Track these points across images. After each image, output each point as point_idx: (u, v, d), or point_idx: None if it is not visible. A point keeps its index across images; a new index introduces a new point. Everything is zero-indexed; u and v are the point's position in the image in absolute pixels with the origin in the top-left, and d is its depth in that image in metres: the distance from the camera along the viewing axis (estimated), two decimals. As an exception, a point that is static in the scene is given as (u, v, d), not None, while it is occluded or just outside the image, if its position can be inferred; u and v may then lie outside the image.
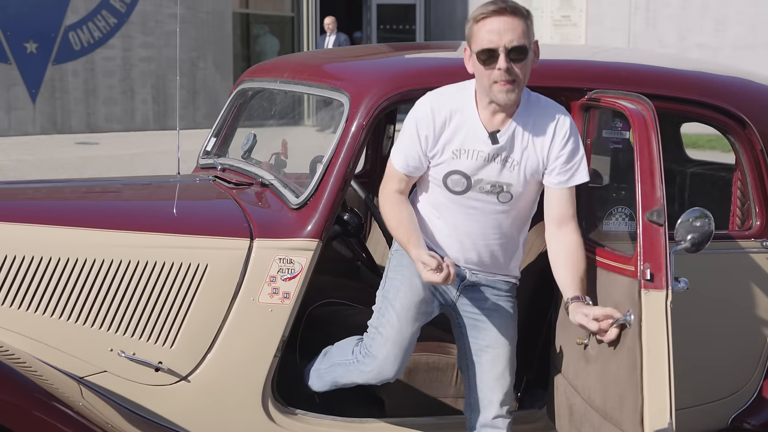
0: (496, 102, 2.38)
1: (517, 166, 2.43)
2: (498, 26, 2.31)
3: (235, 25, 16.19)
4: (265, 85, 3.39)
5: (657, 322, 2.15)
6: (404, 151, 2.49)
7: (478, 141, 2.42)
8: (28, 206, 2.84)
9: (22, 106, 13.51)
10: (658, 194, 2.23)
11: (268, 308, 2.61)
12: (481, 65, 2.34)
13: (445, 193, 2.47)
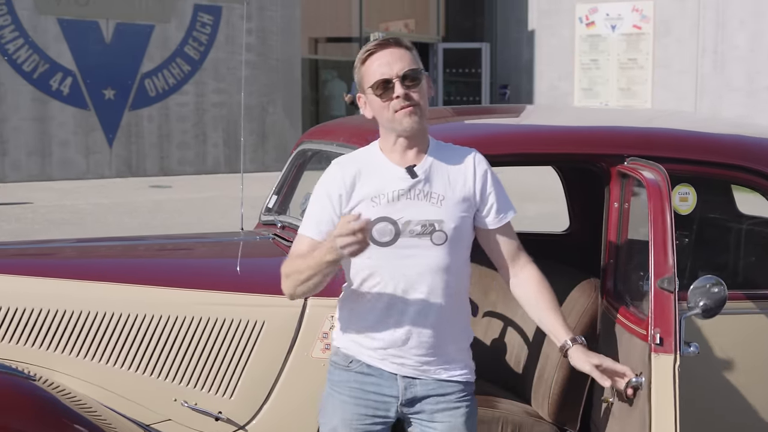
0: (402, 132, 2.32)
1: (443, 200, 2.33)
2: (386, 59, 2.30)
3: (304, 70, 16.62)
4: (322, 147, 3.59)
5: (665, 385, 2.27)
6: (315, 216, 2.37)
7: (395, 180, 2.33)
8: (103, 265, 3.08)
9: (99, 150, 14.08)
10: (670, 262, 2.35)
11: (321, 362, 2.77)
12: (378, 98, 2.31)
13: (375, 250, 2.28)
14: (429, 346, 2.35)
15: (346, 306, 2.43)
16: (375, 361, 2.37)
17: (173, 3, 14.52)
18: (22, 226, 9.38)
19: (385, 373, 2.37)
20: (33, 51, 13.24)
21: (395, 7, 19.51)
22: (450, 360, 2.39)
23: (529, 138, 3.20)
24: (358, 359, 2.38)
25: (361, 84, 2.38)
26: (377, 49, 2.34)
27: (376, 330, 2.36)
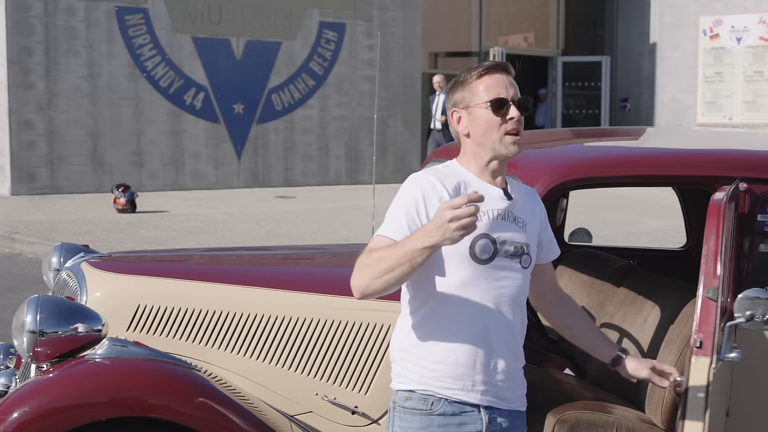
0: (502, 156, 2.34)
1: (527, 225, 2.39)
2: (504, 81, 2.33)
3: (423, 84, 16.94)
4: (449, 166, 3.86)
5: (699, 385, 2.48)
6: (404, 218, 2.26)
7: (495, 200, 2.33)
8: (257, 272, 3.45)
9: (228, 161, 14.76)
10: (718, 273, 2.55)
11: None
12: (495, 115, 2.31)
13: (470, 266, 2.27)
14: (510, 373, 2.36)
15: (419, 333, 2.31)
16: (458, 393, 2.29)
17: (300, 21, 15.10)
18: (160, 234, 10.00)
19: (467, 408, 2.30)
20: (169, 68, 14.02)
21: (515, 21, 19.64)
22: (519, 387, 2.42)
23: (646, 161, 3.39)
24: (440, 396, 2.29)
25: (466, 99, 2.35)
26: (496, 69, 2.36)
27: (463, 354, 2.29)
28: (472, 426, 2.30)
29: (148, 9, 13.79)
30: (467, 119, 2.36)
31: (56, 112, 13.26)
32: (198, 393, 2.81)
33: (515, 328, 2.37)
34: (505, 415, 2.36)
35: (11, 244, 9.53)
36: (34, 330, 2.85)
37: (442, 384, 2.29)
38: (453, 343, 2.28)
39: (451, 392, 2.29)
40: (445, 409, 2.29)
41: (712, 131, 11.85)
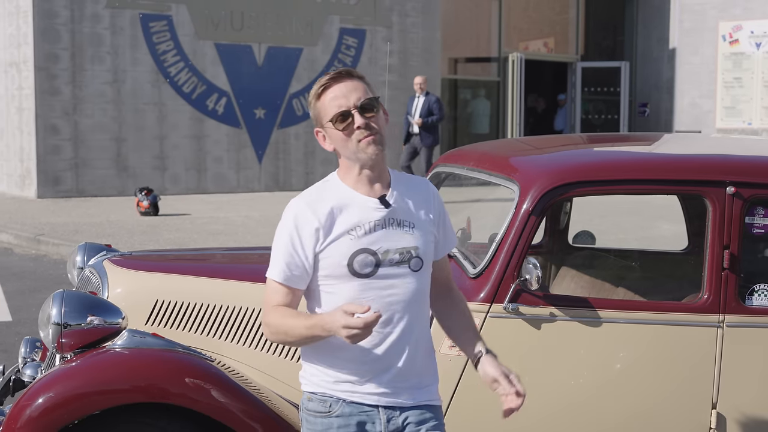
0: (367, 161, 2.34)
1: (413, 228, 2.38)
2: (341, 91, 2.31)
3: (443, 90, 17.10)
4: (455, 170, 4.03)
5: None
6: (283, 258, 2.33)
7: (369, 211, 2.34)
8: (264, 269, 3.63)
9: (249, 166, 14.99)
10: None
11: (448, 358, 3.20)
12: (340, 131, 2.31)
13: (355, 283, 2.32)
14: (412, 371, 2.38)
15: (320, 344, 2.33)
16: (354, 395, 2.34)
17: (321, 27, 15.32)
18: (181, 236, 10.23)
19: (366, 408, 2.34)
20: (192, 74, 14.27)
21: (534, 27, 19.76)
22: (426, 384, 2.43)
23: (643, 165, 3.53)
24: (338, 398, 2.34)
25: (318, 119, 2.37)
26: (331, 83, 2.33)
27: (359, 362, 2.33)
28: (370, 426, 2.34)
29: (172, 16, 14.05)
30: (326, 137, 2.37)
31: (81, 117, 13.55)
32: (212, 382, 3.00)
33: (415, 329, 2.38)
34: (410, 412, 2.38)
35: (37, 246, 9.78)
36: (59, 322, 3.05)
37: (338, 387, 2.34)
38: (347, 356, 2.32)
39: (347, 394, 2.33)
40: (343, 410, 2.33)
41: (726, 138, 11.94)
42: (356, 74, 2.37)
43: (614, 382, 3.26)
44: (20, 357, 3.88)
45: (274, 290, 2.34)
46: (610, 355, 3.26)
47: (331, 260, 2.32)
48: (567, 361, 3.26)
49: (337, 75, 2.35)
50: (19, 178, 13.85)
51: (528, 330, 3.23)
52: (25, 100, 13.47)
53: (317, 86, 2.35)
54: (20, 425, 2.84)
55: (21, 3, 13.35)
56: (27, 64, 13.33)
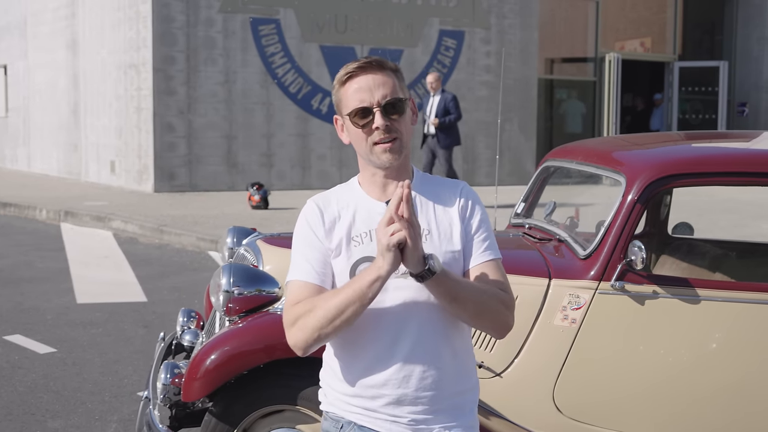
0: (380, 167, 2.13)
1: (428, 236, 2.13)
2: (367, 83, 2.09)
3: (540, 89, 17.37)
4: (564, 164, 4.44)
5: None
6: (303, 256, 2.14)
7: (376, 216, 2.10)
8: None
9: (351, 163, 15.55)
10: None
11: (560, 329, 3.62)
12: (357, 128, 2.10)
13: None
14: (423, 401, 2.13)
15: (332, 359, 2.20)
16: (366, 420, 2.14)
17: (421, 29, 15.79)
18: (292, 227, 10.72)
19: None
20: (298, 74, 14.93)
21: (631, 27, 19.83)
22: (449, 418, 2.16)
23: (743, 159, 3.87)
24: (349, 421, 2.16)
25: (338, 107, 2.17)
26: (358, 71, 2.12)
27: (367, 383, 2.12)
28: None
29: (280, 20, 14.73)
30: (345, 128, 2.18)
31: (195, 116, 14.34)
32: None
33: (427, 350, 2.12)
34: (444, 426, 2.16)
35: (160, 236, 10.52)
36: (228, 290, 3.59)
37: (351, 408, 2.16)
38: (355, 375, 2.14)
39: (357, 417, 2.15)
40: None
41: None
42: (388, 66, 2.14)
43: (709, 355, 3.61)
44: (178, 325, 4.44)
45: (296, 291, 2.12)
46: (706, 331, 3.62)
47: (337, 268, 2.14)
48: (667, 335, 3.63)
49: (367, 64, 2.12)
50: (137, 173, 14.72)
51: (632, 306, 3.62)
52: (144, 100, 14.33)
53: (343, 71, 2.13)
54: (200, 375, 3.37)
55: (141, 9, 14.21)
56: (146, 66, 14.18)
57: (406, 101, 2.14)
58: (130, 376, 5.44)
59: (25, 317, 6.80)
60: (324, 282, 2.13)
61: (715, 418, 3.59)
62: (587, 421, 3.64)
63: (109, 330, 6.48)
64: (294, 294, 2.13)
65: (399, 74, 2.16)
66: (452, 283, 2.06)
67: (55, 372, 5.50)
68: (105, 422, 4.69)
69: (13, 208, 12.90)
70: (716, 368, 3.62)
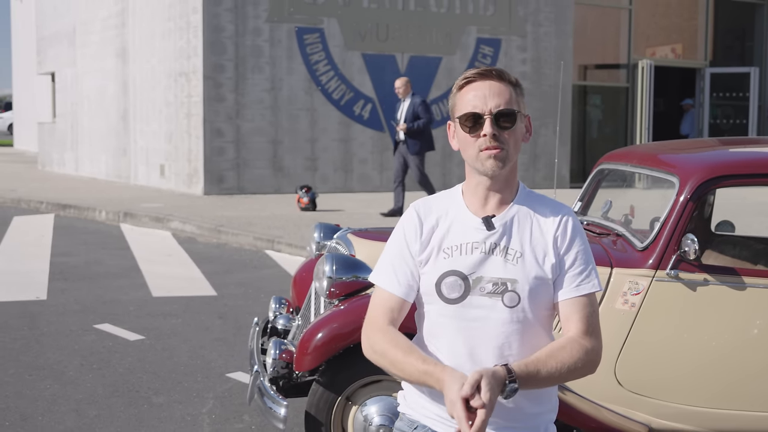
0: (484, 173, 2.12)
1: (520, 259, 2.11)
2: (483, 91, 2.11)
3: (574, 95, 17.81)
4: (618, 167, 4.93)
5: None
6: (391, 264, 2.17)
7: (470, 231, 2.14)
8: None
9: (391, 167, 16.04)
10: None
11: (621, 312, 4.10)
12: (466, 132, 2.11)
13: (440, 306, 2.12)
14: (501, 415, 2.10)
15: None
16: (440, 426, 2.15)
17: (459, 37, 16.30)
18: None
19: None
20: (341, 81, 15.48)
21: (663, 34, 20.21)
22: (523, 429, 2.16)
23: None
24: (423, 425, 2.18)
25: (452, 111, 2.19)
26: (477, 78, 2.14)
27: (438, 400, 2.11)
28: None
29: (324, 29, 15.29)
30: (455, 133, 2.20)
31: (243, 122, 14.92)
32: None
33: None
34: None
35: (218, 236, 11.09)
36: (331, 276, 4.11)
37: (427, 413, 2.17)
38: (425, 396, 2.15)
39: (432, 422, 2.16)
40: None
41: None
42: (508, 78, 2.15)
43: (754, 337, 4.08)
44: (271, 311, 4.96)
45: (380, 300, 2.16)
46: (752, 314, 4.09)
47: (426, 277, 2.14)
48: (715, 318, 4.11)
49: (487, 72, 2.14)
50: (187, 176, 15.32)
51: (685, 292, 4.10)
52: (194, 106, 14.93)
53: (462, 77, 2.17)
54: (311, 349, 3.89)
55: (191, 19, 14.82)
56: (196, 74, 14.78)
57: (520, 115, 2.14)
58: (216, 360, 5.98)
59: (109, 309, 7.37)
60: (408, 295, 2.16)
61: (760, 393, 4.06)
62: (645, 394, 4.12)
63: (187, 320, 7.03)
64: (378, 301, 2.17)
65: (519, 88, 2.16)
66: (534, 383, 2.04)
67: (148, 356, 6.05)
68: (203, 399, 5.22)
69: (72, 209, 13.54)
70: (760, 348, 4.09)
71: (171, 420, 4.87)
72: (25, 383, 5.43)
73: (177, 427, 4.77)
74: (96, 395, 5.24)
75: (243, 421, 4.87)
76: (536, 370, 2.03)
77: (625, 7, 18.69)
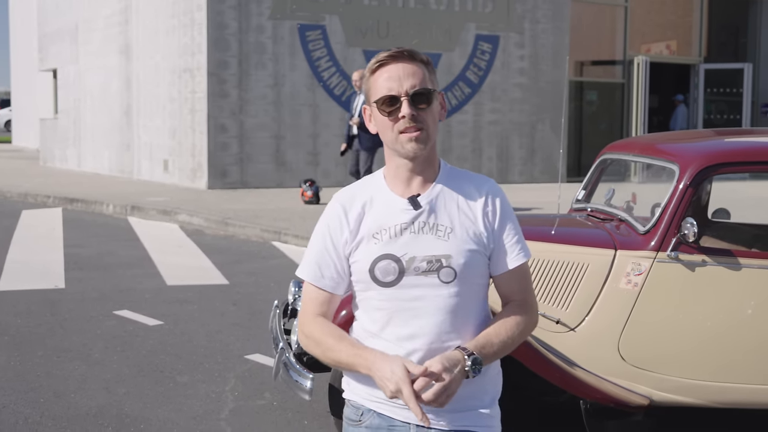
0: (405, 155, 2.12)
1: (451, 234, 2.12)
2: (397, 72, 2.09)
3: (570, 91, 18.08)
4: (621, 156, 5.20)
5: None
6: (315, 258, 2.19)
7: (397, 212, 2.13)
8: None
9: (392, 161, 16.35)
10: None
11: (624, 291, 4.36)
12: (384, 116, 2.10)
13: (377, 291, 2.12)
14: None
15: None
16: (385, 408, 2.15)
17: (458, 34, 16.56)
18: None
19: (397, 423, 2.15)
20: (342, 78, 15.73)
21: (658, 30, 20.49)
22: (466, 408, 2.15)
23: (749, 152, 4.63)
24: (369, 409, 2.18)
25: (368, 95, 2.16)
26: (389, 60, 2.12)
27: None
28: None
29: (326, 26, 15.54)
30: (373, 117, 2.17)
31: (246, 117, 15.17)
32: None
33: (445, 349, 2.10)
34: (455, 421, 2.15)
35: (225, 228, 11.34)
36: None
37: (371, 397, 2.17)
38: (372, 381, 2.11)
39: (377, 405, 2.17)
40: (372, 421, 2.18)
41: None
42: (419, 57, 2.15)
43: (749, 315, 4.36)
44: (290, 294, 5.21)
45: (309, 294, 2.20)
46: (747, 293, 4.37)
47: (358, 265, 2.15)
48: (714, 297, 4.38)
49: (398, 53, 2.13)
50: (191, 171, 15.57)
51: (685, 272, 4.37)
52: (198, 102, 15.17)
53: (374, 61, 2.15)
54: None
55: (196, 16, 15.06)
56: (200, 71, 15.02)
57: (435, 93, 2.14)
58: (234, 343, 6.24)
59: (126, 296, 7.63)
60: (335, 288, 2.18)
61: (756, 367, 4.33)
62: (646, 368, 4.40)
63: (203, 307, 7.29)
64: (308, 295, 2.21)
65: (430, 67, 2.16)
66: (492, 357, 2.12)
67: (169, 339, 6.31)
68: (224, 378, 5.48)
69: (80, 203, 13.78)
70: (755, 325, 4.36)
71: (196, 397, 5.13)
72: (54, 364, 5.69)
73: (202, 403, 5.03)
74: (123, 375, 5.50)
75: (264, 398, 5.14)
76: (490, 344, 2.09)
77: (620, 4, 18.97)
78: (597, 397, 4.29)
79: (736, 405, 4.46)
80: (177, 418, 4.81)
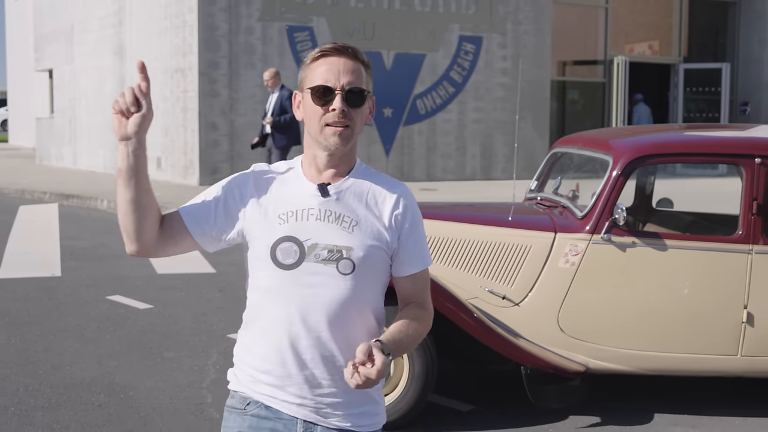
0: (326, 148, 2.12)
1: (356, 227, 2.13)
2: (337, 66, 2.10)
3: (552, 90, 18.61)
4: (568, 150, 5.72)
5: None
6: (199, 198, 2.18)
7: (305, 197, 2.14)
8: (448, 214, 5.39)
9: (378, 158, 16.87)
10: None
11: (563, 270, 4.88)
12: (315, 104, 2.10)
13: (274, 272, 2.11)
14: (330, 386, 2.13)
15: (243, 337, 2.21)
16: (273, 401, 2.15)
17: (442, 35, 17.08)
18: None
19: (284, 415, 2.15)
20: (329, 77, 16.20)
21: (639, 30, 21.02)
22: (356, 405, 2.17)
23: (701, 144, 5.14)
24: (256, 400, 2.17)
25: (302, 82, 2.16)
26: (333, 53, 2.13)
27: (273, 363, 2.13)
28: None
29: (314, 27, 16.05)
30: (301, 104, 2.18)
31: (236, 116, 15.66)
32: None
33: (337, 340, 2.12)
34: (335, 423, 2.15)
35: (214, 221, 11.81)
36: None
37: (258, 388, 2.17)
38: (265, 351, 2.14)
39: (265, 398, 2.16)
40: (259, 411, 2.16)
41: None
42: (361, 58, 2.16)
43: (678, 291, 4.87)
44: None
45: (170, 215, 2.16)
46: (675, 271, 4.88)
47: (258, 242, 2.13)
48: (644, 275, 4.89)
49: (342, 48, 2.14)
50: (182, 168, 16.06)
51: (617, 253, 4.88)
52: (189, 101, 15.67)
53: (317, 50, 2.15)
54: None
55: (187, 18, 15.55)
56: (192, 71, 15.52)
57: (368, 95, 2.16)
58: (218, 323, 6.75)
59: (119, 283, 8.13)
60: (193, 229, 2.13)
61: (684, 338, 4.84)
62: (583, 339, 4.91)
63: (190, 293, 7.79)
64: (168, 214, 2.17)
65: (369, 70, 2.18)
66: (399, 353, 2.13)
67: (157, 321, 6.81)
68: (207, 354, 5.99)
69: (75, 199, 14.26)
70: (684, 300, 4.87)
71: (181, 370, 5.64)
72: (51, 341, 6.20)
73: (186, 375, 5.54)
74: (114, 351, 6.01)
75: (243, 370, 5.64)
76: (400, 340, 2.11)
77: (601, 5, 19.49)
78: (538, 364, 4.80)
79: (666, 372, 4.99)
80: (163, 386, 5.32)
